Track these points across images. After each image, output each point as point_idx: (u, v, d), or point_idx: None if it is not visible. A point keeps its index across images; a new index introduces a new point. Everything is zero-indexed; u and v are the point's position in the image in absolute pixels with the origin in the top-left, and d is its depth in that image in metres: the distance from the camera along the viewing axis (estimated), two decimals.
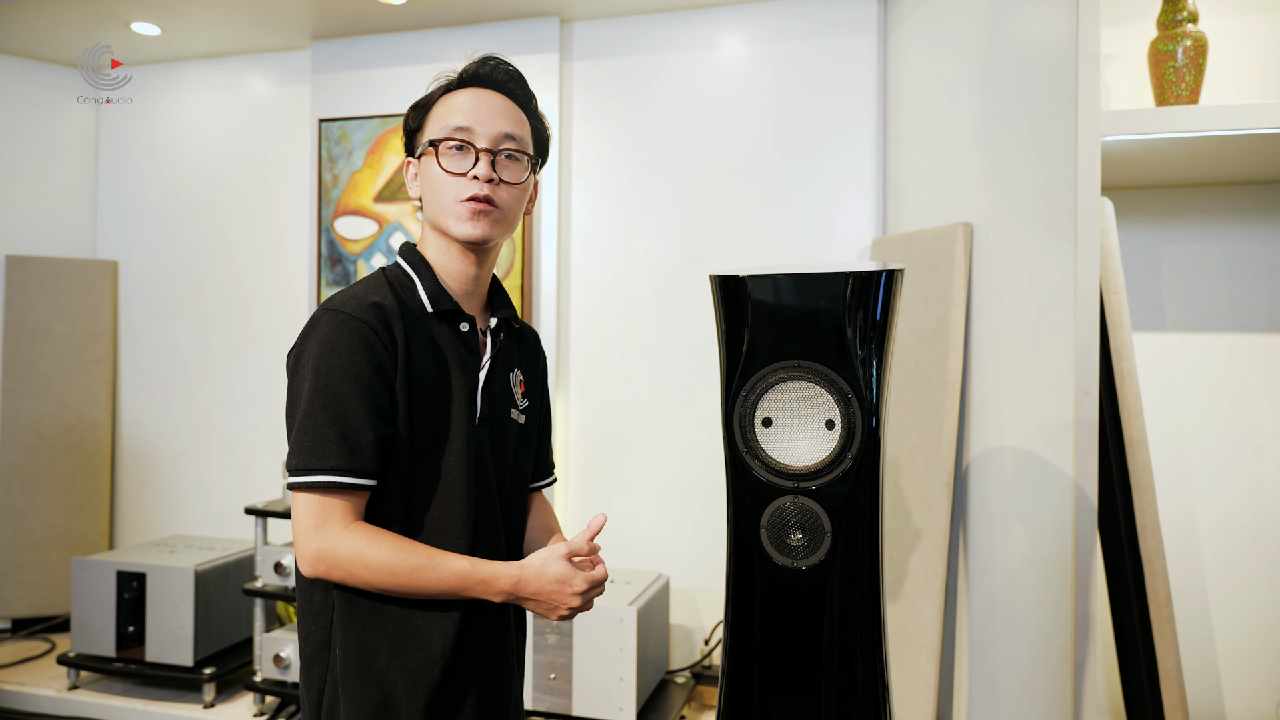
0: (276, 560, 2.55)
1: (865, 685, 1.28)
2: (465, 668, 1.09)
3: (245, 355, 3.35)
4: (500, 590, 1.05)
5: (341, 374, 1.02)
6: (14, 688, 2.74)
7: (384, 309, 1.07)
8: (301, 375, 1.04)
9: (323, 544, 1.00)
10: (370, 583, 1.01)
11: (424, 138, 1.17)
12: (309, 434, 1.01)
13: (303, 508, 1.01)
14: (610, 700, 2.27)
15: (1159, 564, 1.83)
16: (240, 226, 3.36)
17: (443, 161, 1.12)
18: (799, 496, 1.28)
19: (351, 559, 1.00)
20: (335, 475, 1.00)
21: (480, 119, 1.13)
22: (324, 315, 1.05)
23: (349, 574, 1.01)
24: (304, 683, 1.10)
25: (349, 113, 3.11)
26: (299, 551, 1.02)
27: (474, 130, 1.13)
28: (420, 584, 1.02)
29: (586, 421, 2.99)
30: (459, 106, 1.14)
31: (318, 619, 1.08)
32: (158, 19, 3.00)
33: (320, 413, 1.01)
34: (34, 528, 3.26)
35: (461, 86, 1.17)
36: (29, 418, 3.28)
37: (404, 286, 1.13)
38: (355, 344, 1.03)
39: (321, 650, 1.08)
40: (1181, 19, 1.92)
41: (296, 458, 1.02)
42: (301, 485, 1.01)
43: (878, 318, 1.24)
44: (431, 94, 1.19)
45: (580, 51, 2.99)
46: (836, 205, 2.76)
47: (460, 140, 1.12)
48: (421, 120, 1.18)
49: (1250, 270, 2.23)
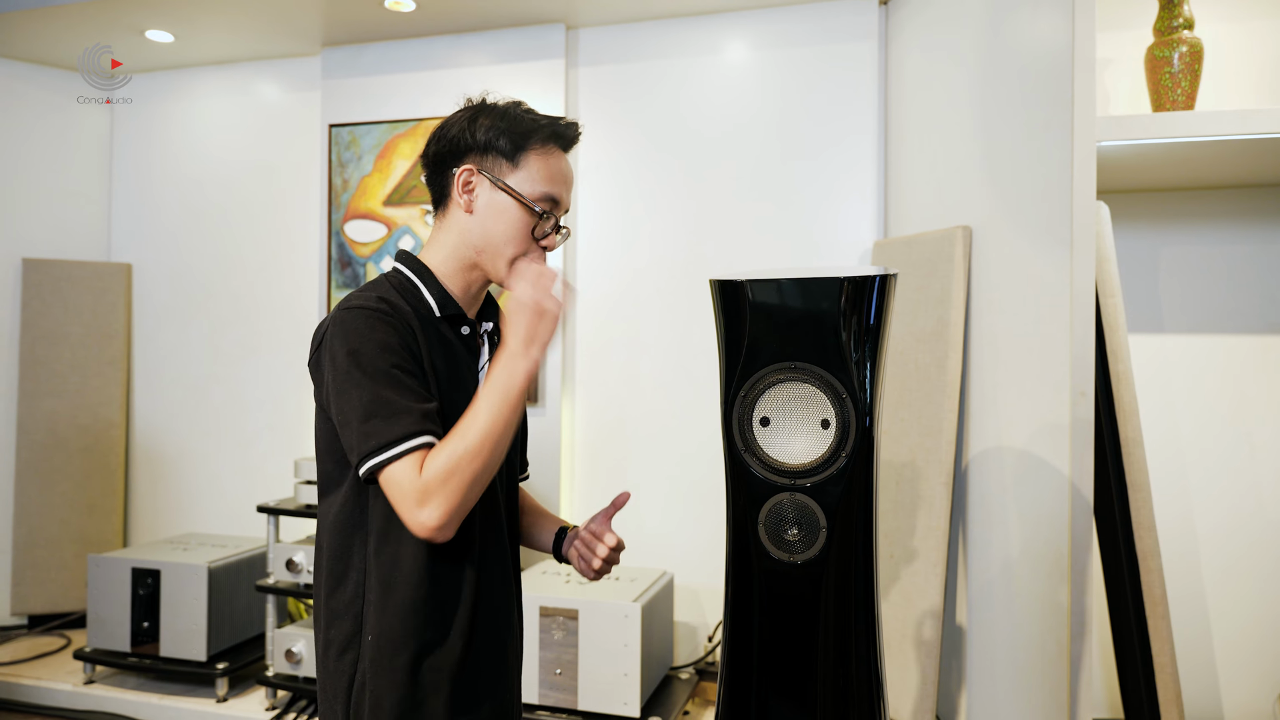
0: (288, 557, 2.60)
1: (859, 676, 1.32)
2: (482, 649, 1.16)
3: (256, 356, 3.40)
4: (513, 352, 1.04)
5: (381, 357, 1.04)
6: (31, 682, 2.80)
7: (399, 306, 1.11)
8: (340, 369, 1.05)
9: (430, 505, 0.99)
10: (474, 475, 1.00)
11: (514, 175, 1.15)
12: (377, 414, 1.01)
13: (398, 480, 1.00)
14: (615, 695, 2.31)
15: (1154, 562, 1.86)
16: (251, 230, 3.42)
17: (536, 229, 1.15)
18: (795, 493, 1.31)
19: (445, 475, 0.99)
20: (414, 439, 1.01)
21: (567, 192, 1.18)
22: (347, 313, 1.08)
23: (463, 497, 1.00)
24: (332, 672, 1.13)
25: (359, 118, 3.16)
26: (415, 521, 1.00)
27: (561, 203, 1.18)
28: (488, 430, 1.01)
29: (591, 420, 3.03)
30: (560, 175, 1.17)
31: (348, 611, 1.12)
32: (171, 26, 3.06)
33: (380, 391, 1.02)
34: (50, 525, 3.32)
35: (560, 146, 1.19)
36: (45, 417, 3.34)
37: (409, 292, 1.16)
38: (383, 329, 1.06)
39: (352, 640, 1.12)
40: (1177, 25, 1.94)
41: (375, 439, 1.01)
42: (389, 459, 1.00)
43: (871, 321, 1.27)
44: (529, 127, 1.16)
45: (586, 57, 3.03)
46: (838, 208, 2.79)
47: (550, 210, 1.16)
48: (515, 153, 1.15)
49: (1247, 273, 2.26)
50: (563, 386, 3.02)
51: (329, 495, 1.15)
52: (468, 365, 1.19)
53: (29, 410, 3.32)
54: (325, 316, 1.13)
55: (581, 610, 2.35)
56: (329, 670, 1.13)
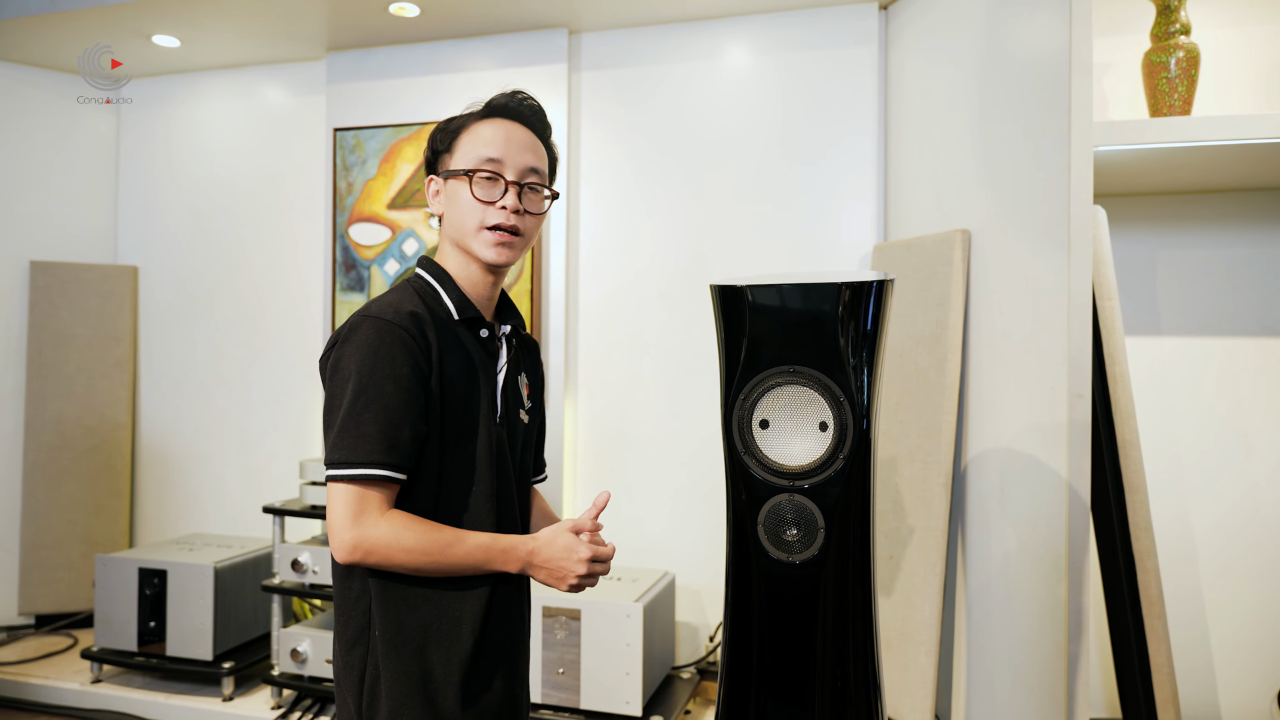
0: (294, 558, 2.63)
1: (857, 673, 1.34)
2: (493, 640, 1.19)
3: (261, 358, 3.43)
4: (519, 559, 1.15)
5: (384, 375, 1.09)
6: (39, 681, 2.83)
7: (419, 317, 1.15)
8: (342, 376, 1.11)
9: (360, 532, 1.07)
10: (405, 564, 1.08)
11: (452, 161, 1.24)
12: (352, 430, 1.08)
13: (340, 498, 1.08)
14: (617, 694, 2.33)
15: (1151, 561, 1.87)
16: (256, 232, 3.45)
17: (476, 191, 1.20)
18: (794, 495, 1.33)
19: (388, 543, 1.07)
20: (374, 468, 1.07)
21: (509, 152, 1.21)
22: (364, 321, 1.12)
23: (385, 558, 1.08)
24: (343, 667, 1.16)
25: (363, 122, 3.18)
26: (336, 540, 1.08)
27: (503, 162, 1.21)
28: (450, 560, 1.10)
29: (594, 422, 3.06)
30: (490, 138, 1.22)
31: (356, 605, 1.15)
32: (178, 32, 3.09)
33: (364, 411, 1.08)
34: (57, 526, 3.35)
35: (490, 116, 1.24)
36: (53, 419, 3.37)
37: (430, 296, 1.21)
38: (396, 348, 1.10)
39: (361, 634, 1.15)
40: (1174, 31, 1.96)
41: (338, 452, 1.09)
42: (342, 477, 1.08)
43: (868, 326, 1.29)
44: (461, 119, 1.25)
45: (588, 62, 3.06)
46: (839, 211, 2.81)
47: (491, 171, 1.20)
48: (450, 143, 1.24)
49: (1244, 276, 2.27)
50: (565, 388, 3.04)
51: None
52: (485, 368, 1.22)
53: (36, 411, 3.35)
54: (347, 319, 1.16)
55: (584, 610, 2.37)
56: (341, 664, 1.17)
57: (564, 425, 3.02)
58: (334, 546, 1.09)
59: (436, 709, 1.13)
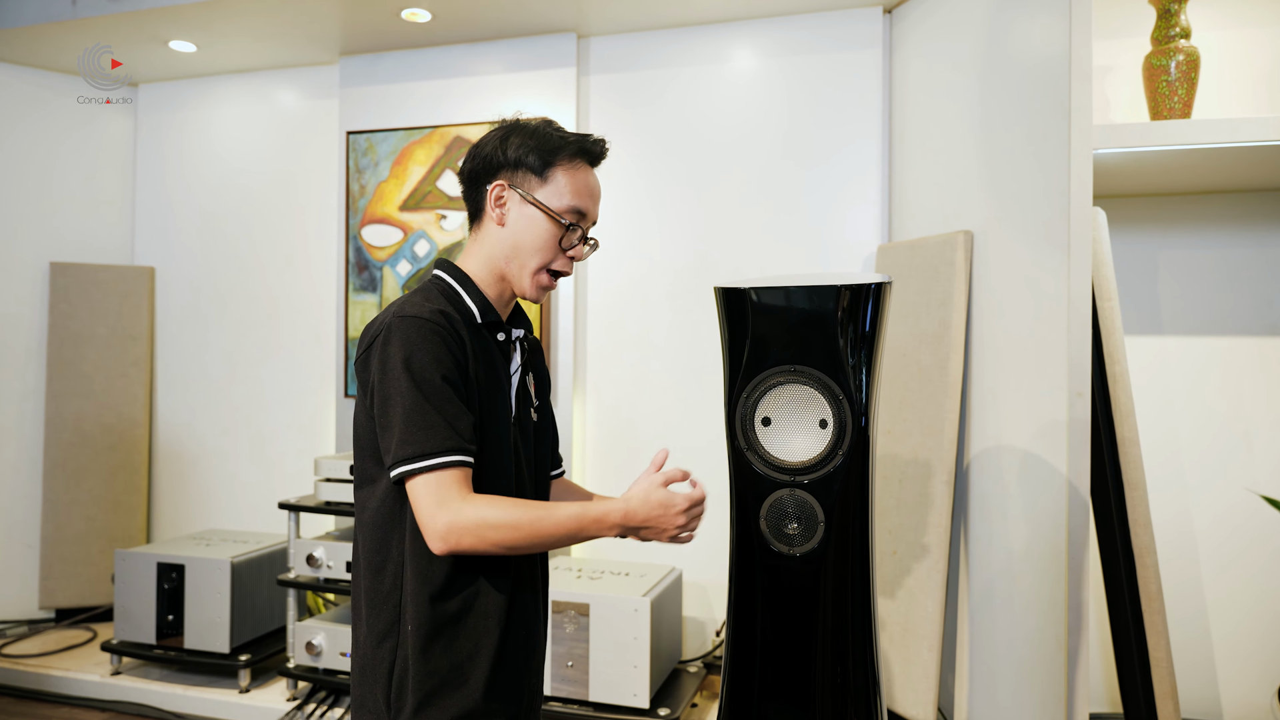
0: (309, 553, 2.68)
1: (856, 662, 1.38)
2: (516, 634, 1.22)
3: (275, 357, 3.49)
4: (614, 524, 1.16)
5: (433, 370, 1.11)
6: (60, 673, 2.90)
7: (450, 316, 1.17)
8: (392, 375, 1.12)
9: (450, 517, 1.08)
10: (498, 542, 1.09)
11: (544, 190, 1.22)
12: (418, 423, 1.09)
13: (424, 490, 1.09)
14: (625, 687, 2.38)
15: (1150, 558, 1.90)
16: (270, 234, 3.51)
17: (564, 241, 1.23)
18: (795, 490, 1.37)
19: (479, 523, 1.08)
20: (448, 455, 1.09)
21: (594, 205, 1.25)
22: (402, 321, 1.14)
23: (478, 538, 1.08)
24: (371, 659, 1.18)
25: (375, 125, 3.24)
26: (429, 531, 1.07)
27: (588, 216, 1.25)
28: (542, 532, 1.11)
29: (602, 420, 3.10)
30: (590, 189, 1.24)
31: (387, 601, 1.18)
32: (194, 37, 3.15)
33: (425, 403, 1.10)
34: (76, 522, 3.42)
35: (589, 162, 1.26)
36: (72, 417, 3.44)
37: (453, 298, 1.23)
38: (437, 343, 1.13)
39: (392, 628, 1.17)
40: (1174, 34, 1.98)
41: (410, 447, 1.08)
42: (420, 469, 1.09)
43: (867, 326, 1.33)
44: (557, 144, 1.23)
45: (597, 66, 3.10)
46: (843, 213, 2.85)
47: (576, 222, 1.23)
48: (544, 169, 1.22)
49: (1244, 276, 2.30)
50: (574, 386, 3.08)
51: (366, 489, 1.21)
52: (503, 369, 1.26)
53: (56, 410, 3.42)
54: (376, 318, 1.19)
55: (592, 604, 2.41)
56: (369, 656, 1.19)
57: (573, 424, 3.06)
58: (428, 538, 1.08)
59: (463, 699, 1.15)
